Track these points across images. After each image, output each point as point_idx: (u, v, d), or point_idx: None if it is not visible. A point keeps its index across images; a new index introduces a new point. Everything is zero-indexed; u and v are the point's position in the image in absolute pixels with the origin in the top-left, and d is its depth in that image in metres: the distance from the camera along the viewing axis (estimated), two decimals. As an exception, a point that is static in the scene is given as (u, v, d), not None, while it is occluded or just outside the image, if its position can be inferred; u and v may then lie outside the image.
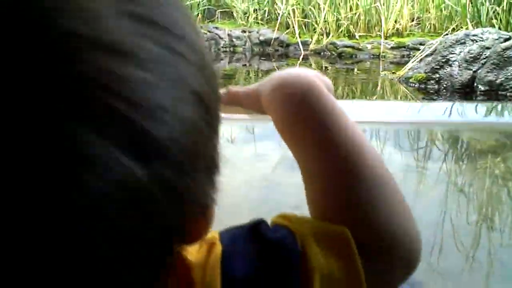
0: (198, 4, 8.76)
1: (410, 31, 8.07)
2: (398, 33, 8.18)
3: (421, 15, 8.14)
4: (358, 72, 7.73)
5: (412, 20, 8.21)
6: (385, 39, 7.96)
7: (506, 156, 3.35)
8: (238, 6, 8.97)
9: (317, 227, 0.50)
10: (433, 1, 8.00)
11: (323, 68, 7.89)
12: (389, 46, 7.99)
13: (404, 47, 7.98)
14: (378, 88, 6.86)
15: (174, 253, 0.38)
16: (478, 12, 6.47)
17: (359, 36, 8.30)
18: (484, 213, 2.73)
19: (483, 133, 3.39)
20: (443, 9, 7.72)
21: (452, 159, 3.41)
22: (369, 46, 8.12)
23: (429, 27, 8.00)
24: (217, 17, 9.17)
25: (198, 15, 8.82)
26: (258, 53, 8.81)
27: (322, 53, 8.36)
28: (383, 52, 7.90)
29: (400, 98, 6.27)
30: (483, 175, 3.16)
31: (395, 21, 8.14)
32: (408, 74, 6.45)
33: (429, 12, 8.02)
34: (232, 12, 9.14)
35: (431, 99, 6.09)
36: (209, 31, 8.73)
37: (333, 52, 8.28)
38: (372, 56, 8.05)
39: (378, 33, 8.16)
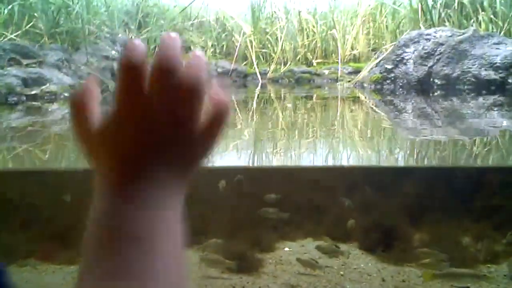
0: (155, 39, 8.61)
1: (367, 57, 8.02)
2: (355, 59, 8.14)
3: (376, 41, 8.16)
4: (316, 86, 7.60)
5: (369, 46, 8.20)
6: (343, 65, 7.88)
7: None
8: (195, 41, 8.87)
9: None
10: (387, 28, 8.09)
11: (282, 95, 7.70)
12: (347, 71, 7.87)
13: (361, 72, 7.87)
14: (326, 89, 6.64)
15: None
16: (430, 15, 6.46)
17: (317, 63, 8.23)
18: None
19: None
20: (397, 34, 7.77)
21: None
22: (326, 72, 8.01)
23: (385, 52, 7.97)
24: (175, 52, 9.01)
25: (155, 48, 8.64)
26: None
27: (280, 81, 8.19)
28: (340, 77, 7.76)
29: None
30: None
31: (352, 48, 8.13)
32: (364, 78, 6.26)
33: (385, 40, 8.04)
34: (190, 47, 9.03)
35: (388, 100, 5.84)
36: (165, 64, 8.50)
37: (291, 79, 8.12)
38: (330, 81, 7.90)
39: (335, 59, 8.11)
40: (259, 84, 8.08)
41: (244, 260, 3.51)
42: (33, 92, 4.41)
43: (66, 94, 4.94)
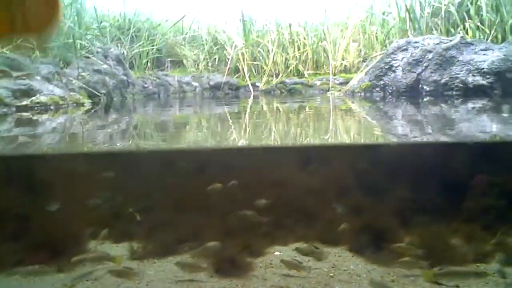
0: (147, 54, 8.68)
1: (357, 68, 8.08)
2: (346, 70, 8.20)
3: (367, 52, 8.24)
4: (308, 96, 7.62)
5: (359, 57, 8.28)
6: (334, 75, 7.93)
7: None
8: (188, 55, 8.94)
9: None
10: (377, 38, 8.17)
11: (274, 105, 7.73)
12: (338, 82, 7.93)
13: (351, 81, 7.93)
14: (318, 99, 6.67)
15: None
16: (418, 24, 6.54)
17: (308, 74, 8.29)
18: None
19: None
20: (387, 44, 7.85)
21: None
22: (318, 83, 8.06)
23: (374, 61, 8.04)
24: (167, 66, 9.09)
25: (147, 63, 8.72)
26: (208, 97, 8.62)
27: (272, 92, 8.23)
28: (332, 87, 7.81)
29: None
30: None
31: (342, 59, 8.21)
32: (354, 87, 6.30)
33: (375, 50, 8.12)
34: (182, 61, 9.10)
35: (378, 106, 5.86)
36: (158, 78, 8.58)
37: (283, 90, 8.17)
38: (321, 91, 7.95)
39: (326, 70, 8.17)
40: (251, 96, 8.12)
41: (234, 264, 3.49)
42: (23, 103, 4.42)
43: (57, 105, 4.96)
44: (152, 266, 4.10)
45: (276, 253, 3.98)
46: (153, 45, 8.61)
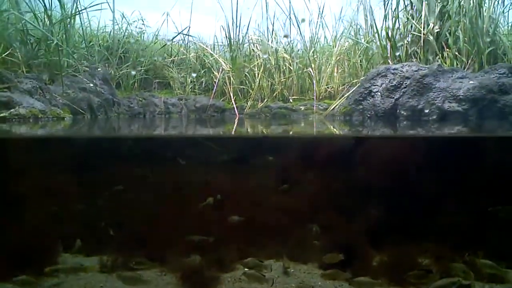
0: (134, 75, 8.78)
1: (342, 94, 8.22)
2: (330, 96, 8.33)
3: (351, 79, 8.39)
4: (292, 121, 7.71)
5: (343, 84, 8.43)
6: (318, 101, 8.06)
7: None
8: (175, 77, 9.05)
9: None
10: (361, 66, 8.35)
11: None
12: (322, 107, 8.04)
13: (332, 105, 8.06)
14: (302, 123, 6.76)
15: None
16: (398, 52, 6.71)
17: (293, 99, 8.42)
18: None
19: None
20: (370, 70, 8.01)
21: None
22: (302, 108, 8.17)
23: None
24: (154, 87, 9.19)
25: (134, 84, 8.81)
26: (194, 119, 8.69)
27: (257, 116, 8.32)
28: (315, 112, 7.91)
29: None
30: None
31: (327, 85, 8.35)
32: (334, 111, 6.40)
33: (358, 77, 8.28)
34: (169, 83, 9.21)
35: (357, 130, 5.95)
36: (144, 99, 8.65)
37: (268, 114, 8.26)
38: (305, 116, 8.05)
39: (311, 96, 8.30)
40: (237, 119, 8.19)
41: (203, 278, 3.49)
42: (1, 115, 4.45)
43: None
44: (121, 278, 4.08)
45: (246, 269, 3.99)
46: (141, 67, 8.72)
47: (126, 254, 3.84)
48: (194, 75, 9.07)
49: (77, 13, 7.45)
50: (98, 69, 7.77)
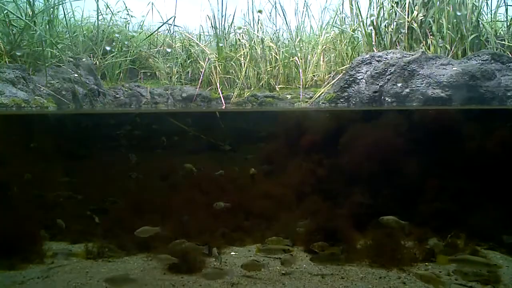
0: (120, 65, 8.72)
1: (328, 82, 8.25)
2: (317, 85, 8.35)
3: (337, 68, 8.41)
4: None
5: (330, 73, 8.45)
6: (304, 90, 8.07)
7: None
8: (161, 67, 9.01)
9: None
10: (347, 55, 8.37)
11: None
12: (308, 96, 8.06)
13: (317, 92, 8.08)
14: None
15: None
16: (383, 40, 6.75)
17: (279, 88, 8.43)
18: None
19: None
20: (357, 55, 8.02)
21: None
22: (289, 96, 8.18)
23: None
24: (140, 78, 9.13)
25: (120, 73, 8.75)
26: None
27: (243, 105, 8.31)
28: (302, 101, 7.93)
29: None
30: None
31: (313, 74, 8.37)
32: (320, 99, 6.43)
33: (345, 65, 8.31)
34: (155, 73, 9.16)
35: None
36: (130, 89, 8.60)
37: (254, 103, 8.26)
38: (292, 104, 8.06)
39: (297, 85, 8.31)
40: (223, 108, 8.19)
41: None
42: (-17, 104, 4.41)
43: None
44: (106, 265, 4.11)
45: (232, 253, 4.04)
46: (125, 57, 8.66)
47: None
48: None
49: (60, 3, 7.36)
50: (83, 60, 7.70)
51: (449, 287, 3.55)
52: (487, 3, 6.93)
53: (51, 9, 7.22)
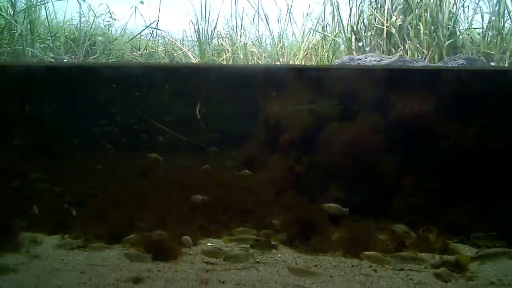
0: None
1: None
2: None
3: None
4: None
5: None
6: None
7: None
8: (143, 71, 9.01)
9: None
10: (328, 61, 8.49)
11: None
12: (290, 99, 8.14)
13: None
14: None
15: None
16: (363, 46, 6.89)
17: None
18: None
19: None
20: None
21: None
22: (271, 100, 8.27)
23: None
24: (122, 81, 9.12)
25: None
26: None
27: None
28: (284, 105, 8.00)
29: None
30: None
31: (295, 79, 8.47)
32: (300, 101, 6.51)
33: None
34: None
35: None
36: (112, 92, 8.58)
37: (236, 107, 8.34)
38: (274, 108, 8.13)
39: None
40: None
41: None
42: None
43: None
44: (82, 254, 4.13)
45: (209, 244, 4.10)
46: (108, 59, 8.65)
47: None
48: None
49: (42, 2, 7.36)
50: (64, 60, 7.68)
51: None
52: (463, 10, 7.13)
53: (33, 9, 7.21)
